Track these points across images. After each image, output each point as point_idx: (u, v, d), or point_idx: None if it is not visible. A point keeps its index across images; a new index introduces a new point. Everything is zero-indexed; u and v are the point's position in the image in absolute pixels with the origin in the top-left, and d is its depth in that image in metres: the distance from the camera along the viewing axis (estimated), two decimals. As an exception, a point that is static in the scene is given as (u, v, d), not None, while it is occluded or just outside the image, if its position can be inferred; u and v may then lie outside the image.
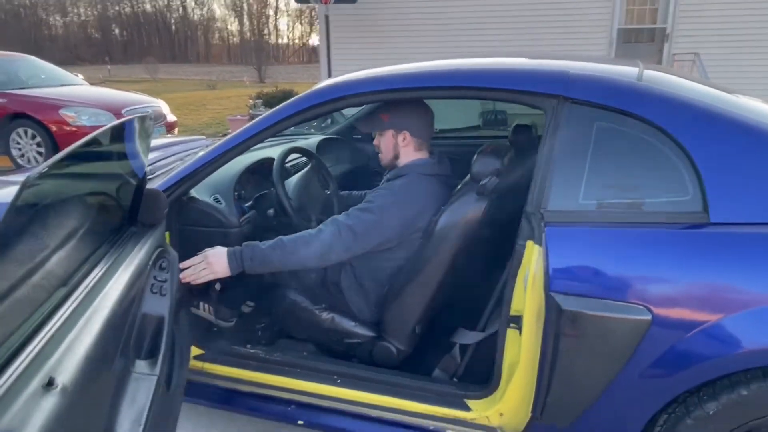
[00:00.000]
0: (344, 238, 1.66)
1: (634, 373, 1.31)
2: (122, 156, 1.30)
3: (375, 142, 1.88)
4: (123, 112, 6.02)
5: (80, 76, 7.46)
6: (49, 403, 0.68)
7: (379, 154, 1.88)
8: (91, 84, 7.57)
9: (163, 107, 6.72)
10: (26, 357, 0.71)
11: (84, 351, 0.78)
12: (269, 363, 1.84)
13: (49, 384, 0.71)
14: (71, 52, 39.18)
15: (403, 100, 1.72)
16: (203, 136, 3.07)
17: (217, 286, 1.93)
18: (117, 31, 46.73)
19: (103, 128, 1.13)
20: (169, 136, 6.22)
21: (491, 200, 1.68)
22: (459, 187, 1.82)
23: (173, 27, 47.16)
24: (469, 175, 1.75)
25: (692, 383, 1.29)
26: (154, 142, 2.67)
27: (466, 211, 1.65)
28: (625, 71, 1.56)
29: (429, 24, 8.86)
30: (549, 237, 1.36)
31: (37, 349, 0.72)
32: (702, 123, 1.34)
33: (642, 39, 8.65)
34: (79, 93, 6.41)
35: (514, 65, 1.68)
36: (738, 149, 1.31)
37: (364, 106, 2.83)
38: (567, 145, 1.43)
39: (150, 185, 1.98)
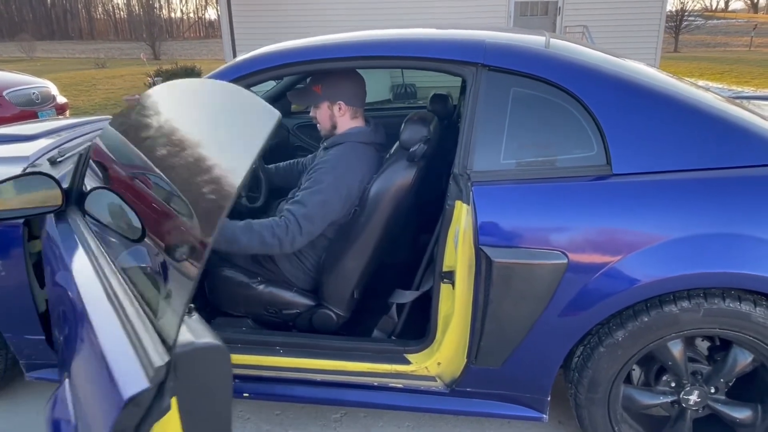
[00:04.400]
0: (304, 226, 1.73)
1: (554, 311, 1.47)
2: None
3: (311, 113, 1.91)
4: (4, 93, 5.45)
5: (-54, 56, 6.62)
6: (196, 323, 0.91)
7: (318, 126, 1.91)
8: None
9: (52, 88, 6.15)
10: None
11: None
12: (207, 341, 1.83)
13: (190, 312, 0.92)
14: (-77, 29, 34.34)
15: (334, 70, 1.75)
16: (110, 117, 2.88)
17: None
18: (-21, 4, 41.48)
19: None
20: (60, 117, 5.72)
21: (419, 166, 1.77)
22: (389, 155, 1.89)
23: (49, 1, 42.65)
24: (398, 143, 1.82)
25: (603, 316, 1.48)
26: (56, 124, 2.49)
27: (398, 177, 1.73)
28: (534, 40, 1.69)
29: (334, -3, 8.77)
30: (476, 195, 1.47)
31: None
32: (604, 86, 1.50)
33: (536, 12, 9.14)
34: (-51, 75, 5.71)
35: (435, 35, 1.75)
36: (634, 109, 1.48)
37: (282, 80, 2.80)
38: (487, 110, 1.54)
39: (61, 169, 1.87)
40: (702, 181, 1.43)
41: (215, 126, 0.99)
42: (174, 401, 0.81)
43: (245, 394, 1.78)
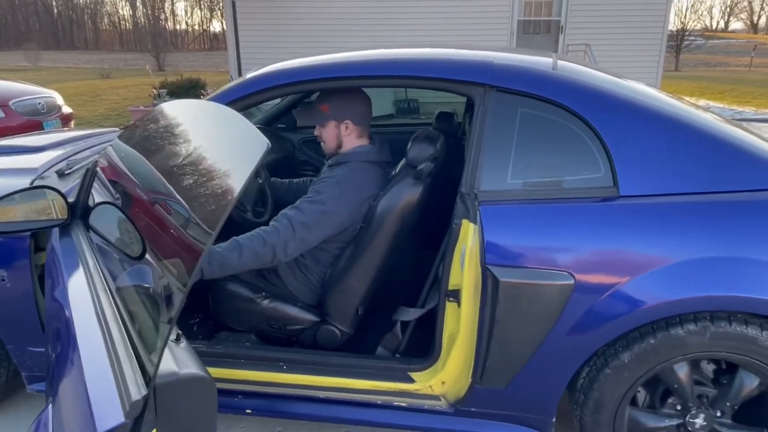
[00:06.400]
0: (298, 232, 1.70)
1: (561, 332, 1.47)
2: None
3: (316, 132, 1.91)
4: (10, 103, 5.49)
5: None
6: (183, 351, 0.91)
7: (322, 144, 1.91)
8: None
9: (57, 98, 6.19)
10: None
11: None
12: (210, 356, 1.82)
13: (178, 339, 0.95)
14: (-70, 37, 34.72)
15: (342, 88, 1.77)
16: (118, 129, 2.91)
17: None
18: (-13, 13, 41.94)
19: None
20: (65, 129, 5.76)
21: (425, 184, 1.77)
22: (395, 172, 1.89)
23: (56, 11, 43.10)
24: (404, 160, 1.83)
25: (609, 337, 1.47)
26: (64, 135, 2.50)
27: (404, 195, 1.74)
28: (542, 61, 1.71)
29: (339, 14, 8.86)
30: (483, 215, 1.48)
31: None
32: (611, 108, 1.52)
33: (539, 30, 9.23)
34: (-45, 83, 5.75)
35: (443, 55, 1.77)
36: (641, 131, 1.49)
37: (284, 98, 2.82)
38: (494, 130, 1.55)
39: (69, 181, 1.88)
40: (708, 204, 1.44)
41: (211, 150, 0.98)
42: None
43: (247, 410, 1.77)
